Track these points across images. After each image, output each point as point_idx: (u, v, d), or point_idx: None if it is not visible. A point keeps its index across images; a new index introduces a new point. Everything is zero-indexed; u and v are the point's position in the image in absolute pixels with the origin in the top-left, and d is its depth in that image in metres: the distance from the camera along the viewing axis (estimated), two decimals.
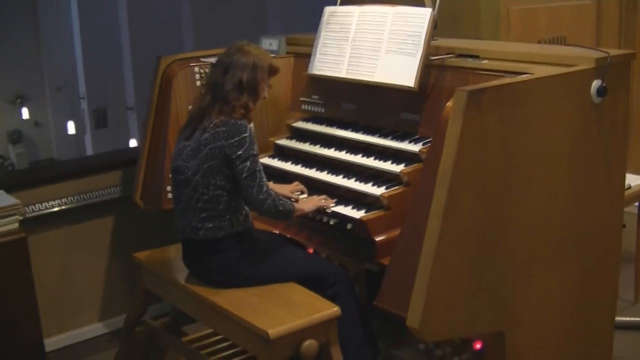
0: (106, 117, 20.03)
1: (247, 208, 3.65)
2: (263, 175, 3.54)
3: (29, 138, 22.82)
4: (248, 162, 3.47)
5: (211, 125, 3.51)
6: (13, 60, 21.82)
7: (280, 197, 3.63)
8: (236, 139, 3.47)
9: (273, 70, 3.70)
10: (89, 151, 20.40)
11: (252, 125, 3.65)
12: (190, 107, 4.37)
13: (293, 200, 3.85)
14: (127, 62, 18.49)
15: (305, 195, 3.97)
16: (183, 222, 3.64)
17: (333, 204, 3.78)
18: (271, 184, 3.90)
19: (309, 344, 3.29)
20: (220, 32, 14.91)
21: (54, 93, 22.12)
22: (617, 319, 4.58)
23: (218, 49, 4.65)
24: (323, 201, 3.79)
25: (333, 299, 3.60)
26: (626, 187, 4.44)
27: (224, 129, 3.48)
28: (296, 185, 4.01)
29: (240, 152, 3.46)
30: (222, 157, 3.48)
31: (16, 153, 22.08)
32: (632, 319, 4.80)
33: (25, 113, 22.36)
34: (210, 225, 3.55)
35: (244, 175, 3.48)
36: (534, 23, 5.62)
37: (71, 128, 21.53)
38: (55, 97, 22.13)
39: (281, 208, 3.57)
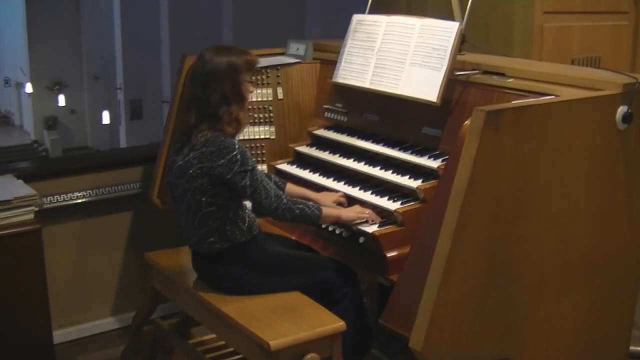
0: (141, 108, 20.19)
1: (251, 216, 3.61)
2: (267, 183, 3.49)
3: (64, 125, 23.06)
4: (247, 179, 3.42)
5: (199, 142, 3.43)
6: (53, 48, 22.06)
7: (300, 202, 3.57)
8: (226, 159, 3.39)
9: (250, 65, 3.57)
10: (123, 142, 20.59)
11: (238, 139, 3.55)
12: None
13: (342, 202, 3.81)
14: (165, 56, 18.59)
15: None
16: (187, 235, 3.62)
17: (379, 220, 3.65)
18: (313, 193, 3.88)
19: (311, 358, 3.24)
20: (259, 31, 14.96)
21: (91, 82, 22.36)
22: (637, 348, 4.49)
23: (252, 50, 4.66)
24: (367, 213, 3.67)
25: (340, 300, 3.59)
26: None
27: (211, 149, 3.40)
28: (340, 195, 3.88)
29: (234, 171, 3.40)
30: (211, 177, 3.42)
31: (51, 139, 22.32)
32: None
33: (61, 100, 22.61)
34: (212, 239, 3.51)
35: (248, 192, 3.44)
36: (569, 42, 5.52)
37: (106, 118, 21.73)
38: (92, 86, 22.37)
39: (298, 212, 3.52)
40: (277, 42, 4.91)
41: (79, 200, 4.79)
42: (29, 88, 22.83)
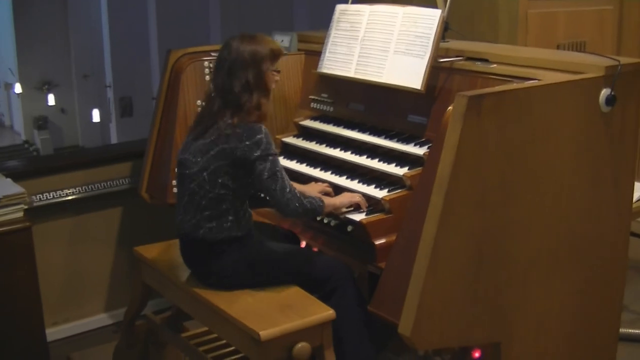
0: (132, 106, 20.15)
1: (249, 211, 3.62)
2: (284, 175, 3.48)
3: (54, 124, 23.00)
4: (268, 163, 3.41)
5: (226, 126, 3.44)
6: (41, 48, 21.99)
7: (306, 195, 3.57)
8: (251, 141, 3.40)
9: (276, 55, 3.60)
10: (114, 139, 20.56)
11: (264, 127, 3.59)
12: (199, 102, 4.35)
13: (329, 194, 3.82)
14: (153, 52, 18.57)
15: None
16: (183, 217, 3.59)
17: (367, 205, 3.67)
18: (298, 185, 3.85)
19: (301, 347, 3.25)
20: (247, 24, 14.94)
21: (80, 81, 22.29)
22: (628, 331, 4.52)
23: None
24: (357, 198, 3.69)
25: (332, 294, 3.56)
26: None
27: (238, 130, 3.41)
28: (326, 186, 3.90)
29: (258, 153, 3.40)
30: (234, 158, 3.42)
31: (41, 139, 22.28)
32: None
33: (51, 99, 22.55)
34: (211, 225, 3.50)
35: (264, 177, 3.42)
36: (554, 27, 5.55)
37: (96, 116, 21.68)
38: (82, 85, 22.31)
39: (309, 206, 3.51)
40: (267, 34, 4.91)
41: (69, 198, 4.79)
42: (18, 88, 22.76)
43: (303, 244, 4.05)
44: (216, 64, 3.62)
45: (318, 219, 3.78)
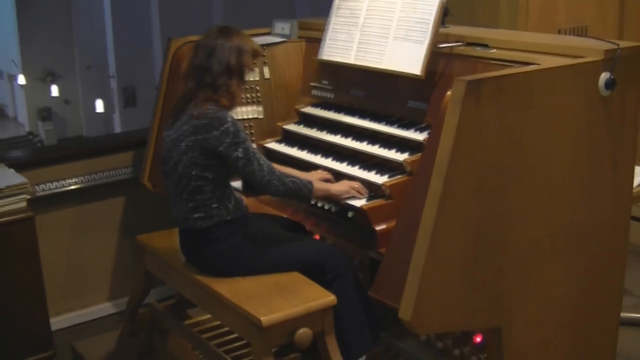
0: (135, 96, 20.14)
1: (237, 195, 3.62)
2: (260, 156, 3.49)
3: (58, 115, 22.99)
4: (239, 151, 3.42)
5: (193, 115, 3.45)
6: (44, 39, 21.98)
7: (291, 176, 3.58)
8: (218, 131, 3.40)
9: (256, 54, 3.63)
10: (118, 130, 20.56)
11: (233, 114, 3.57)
12: None
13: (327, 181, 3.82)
14: (156, 42, 18.56)
15: None
16: (174, 212, 3.62)
17: (367, 193, 3.68)
18: (297, 171, 3.86)
19: (303, 333, 3.27)
20: (249, 13, 14.94)
21: (83, 71, 22.26)
22: (630, 315, 4.53)
23: None
24: (355, 186, 3.69)
25: (332, 282, 3.58)
26: None
27: (204, 121, 3.41)
28: (325, 173, 3.90)
29: (227, 143, 3.40)
30: (203, 149, 3.43)
31: (45, 130, 22.28)
32: None
33: (55, 90, 22.53)
34: (198, 215, 3.51)
35: (241, 164, 3.43)
36: (554, 12, 5.54)
37: (99, 106, 21.67)
38: (85, 76, 22.27)
39: (292, 186, 3.52)
40: (268, 23, 4.92)
41: (71, 187, 4.81)
42: (21, 80, 22.75)
43: (317, 237, 4.05)
44: (196, 46, 3.61)
45: (319, 205, 3.78)
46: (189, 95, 3.52)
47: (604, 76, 3.26)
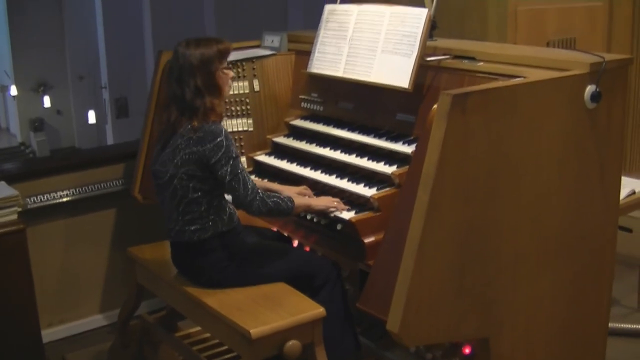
0: (127, 107, 20.16)
1: (231, 207, 3.65)
2: (246, 175, 3.52)
3: (50, 126, 22.98)
4: (229, 166, 3.45)
5: (187, 130, 3.48)
6: (37, 49, 21.97)
7: (274, 195, 3.61)
8: (212, 144, 3.44)
9: (223, 53, 3.60)
10: (110, 140, 20.56)
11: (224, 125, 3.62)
12: None
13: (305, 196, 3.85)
14: (149, 53, 18.57)
15: None
16: (169, 226, 3.65)
17: (346, 209, 3.70)
18: (277, 185, 3.93)
19: (292, 345, 3.29)
20: (242, 25, 14.96)
21: (76, 82, 22.28)
22: (619, 325, 4.55)
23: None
24: (335, 203, 3.72)
25: (320, 289, 3.63)
26: (630, 192, 4.40)
27: (199, 134, 3.45)
28: (304, 188, 3.95)
29: (218, 156, 3.44)
30: (198, 162, 3.46)
31: (37, 141, 22.26)
32: (633, 326, 4.71)
33: (47, 101, 22.53)
34: (194, 227, 3.55)
35: (227, 179, 3.46)
36: (543, 24, 5.57)
37: (92, 117, 21.69)
38: (77, 86, 22.28)
39: (273, 206, 3.54)
40: (261, 34, 4.95)
41: (63, 199, 4.82)
42: (13, 90, 22.75)
43: (295, 244, 4.08)
44: (167, 73, 3.66)
45: (308, 217, 3.80)
46: (175, 123, 3.55)
47: (590, 89, 3.30)
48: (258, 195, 3.51)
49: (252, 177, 3.83)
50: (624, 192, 4.18)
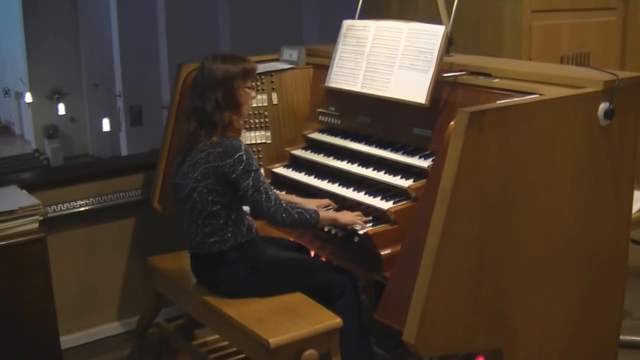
0: (141, 115, 20.27)
1: (249, 218, 3.72)
2: (268, 187, 3.59)
3: (64, 133, 23.12)
4: (250, 180, 3.52)
5: (207, 145, 3.55)
6: (52, 57, 22.12)
7: (298, 206, 3.68)
8: (232, 159, 3.51)
9: (248, 73, 3.67)
10: (124, 148, 20.66)
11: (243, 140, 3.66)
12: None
13: (330, 208, 3.92)
14: (163, 61, 18.66)
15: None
16: (189, 237, 3.71)
17: (369, 226, 3.74)
18: (298, 198, 4.01)
19: (309, 354, 3.35)
20: (256, 36, 15.04)
21: (90, 90, 22.43)
22: (630, 338, 4.59)
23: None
24: (358, 218, 3.76)
25: (338, 299, 3.70)
26: None
27: (219, 149, 3.52)
28: (326, 201, 4.02)
29: (240, 171, 3.51)
30: (218, 176, 3.53)
31: (52, 148, 22.41)
32: None
33: (61, 109, 22.70)
34: (213, 239, 3.61)
35: (250, 193, 3.53)
36: (557, 39, 5.61)
37: (106, 125, 21.81)
38: (92, 94, 22.43)
39: (297, 217, 3.61)
40: (275, 48, 5.02)
41: (82, 209, 4.89)
42: (28, 97, 22.91)
43: (312, 254, 4.14)
44: (192, 85, 3.72)
45: (325, 229, 3.86)
46: (194, 136, 3.62)
47: (604, 106, 3.35)
48: (282, 206, 3.58)
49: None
50: (635, 207, 4.22)
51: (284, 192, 4.20)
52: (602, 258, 3.62)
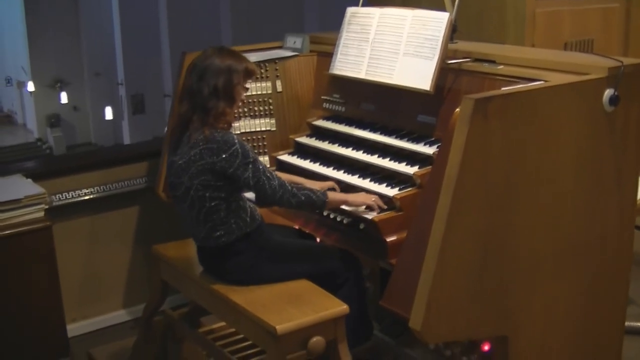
0: (144, 103, 20.30)
1: (251, 205, 3.73)
2: (269, 173, 3.58)
3: (67, 122, 23.14)
4: (249, 171, 3.52)
5: (198, 140, 3.53)
6: (53, 46, 22.11)
7: (306, 188, 3.69)
8: (227, 153, 3.49)
9: (249, 73, 3.68)
10: (126, 137, 20.70)
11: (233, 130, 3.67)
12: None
13: (334, 190, 3.94)
14: (165, 49, 18.67)
15: None
16: (193, 231, 3.72)
17: (384, 207, 3.73)
18: (303, 179, 4.02)
19: (316, 341, 3.37)
20: (257, 24, 15.03)
21: (92, 78, 22.42)
22: (635, 324, 4.61)
23: (249, 45, 4.75)
24: (373, 200, 3.76)
25: (342, 285, 3.75)
26: None
27: (212, 145, 3.49)
28: (330, 183, 4.03)
29: (237, 164, 3.50)
30: (214, 172, 3.51)
31: (54, 137, 22.43)
32: None
33: (64, 97, 22.69)
34: (218, 233, 3.62)
35: (252, 183, 3.54)
36: (560, 26, 5.62)
37: (109, 113, 21.82)
38: (94, 83, 22.43)
39: (304, 199, 3.62)
40: (276, 36, 5.02)
41: (87, 197, 4.91)
42: (30, 86, 22.90)
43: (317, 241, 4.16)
44: (190, 68, 3.69)
45: (331, 216, 3.88)
46: (185, 118, 3.61)
47: (608, 93, 3.36)
48: (286, 189, 3.59)
49: (277, 173, 3.85)
50: (639, 194, 4.24)
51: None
52: (606, 246, 3.63)
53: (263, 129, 4.60)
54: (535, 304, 3.36)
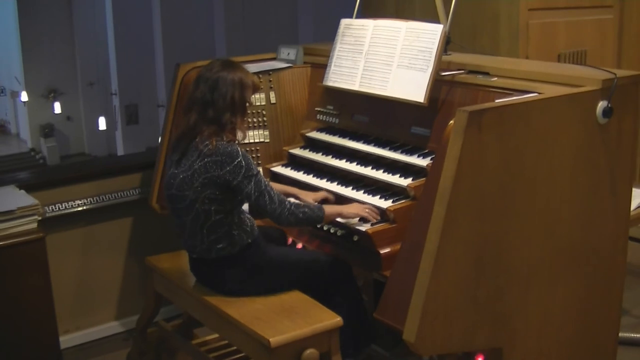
0: (137, 113, 20.29)
1: (250, 217, 3.73)
2: (271, 189, 3.59)
3: (60, 132, 23.13)
4: (252, 184, 3.52)
5: (203, 153, 3.52)
6: (47, 56, 22.12)
7: (304, 205, 3.68)
8: (231, 166, 3.49)
9: (256, 89, 3.72)
10: (120, 147, 20.68)
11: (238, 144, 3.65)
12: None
13: (328, 199, 3.94)
14: (159, 60, 18.68)
15: None
16: (191, 242, 3.70)
17: (378, 218, 3.75)
18: (296, 189, 4.02)
19: (310, 353, 3.36)
20: (252, 36, 15.04)
21: (86, 89, 22.44)
22: (629, 335, 4.60)
23: (243, 57, 4.75)
24: (367, 211, 3.76)
25: (334, 295, 3.74)
26: None
27: (216, 158, 3.49)
28: (323, 194, 4.03)
29: (241, 177, 3.50)
30: (218, 185, 3.52)
31: (48, 147, 22.43)
32: None
33: (57, 107, 22.70)
34: (221, 245, 3.61)
35: (253, 198, 3.54)
36: (554, 37, 5.64)
37: (102, 124, 21.82)
38: (88, 93, 22.45)
39: (302, 216, 3.62)
40: (270, 48, 5.03)
41: (80, 208, 4.89)
42: (24, 96, 22.91)
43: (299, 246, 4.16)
44: (197, 79, 3.67)
45: (325, 228, 3.87)
46: (193, 129, 3.59)
47: (602, 105, 3.36)
48: (286, 207, 3.59)
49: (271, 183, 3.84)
50: (634, 204, 4.25)
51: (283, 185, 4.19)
52: (600, 256, 3.63)
53: (257, 140, 4.60)
54: (530, 314, 3.35)
